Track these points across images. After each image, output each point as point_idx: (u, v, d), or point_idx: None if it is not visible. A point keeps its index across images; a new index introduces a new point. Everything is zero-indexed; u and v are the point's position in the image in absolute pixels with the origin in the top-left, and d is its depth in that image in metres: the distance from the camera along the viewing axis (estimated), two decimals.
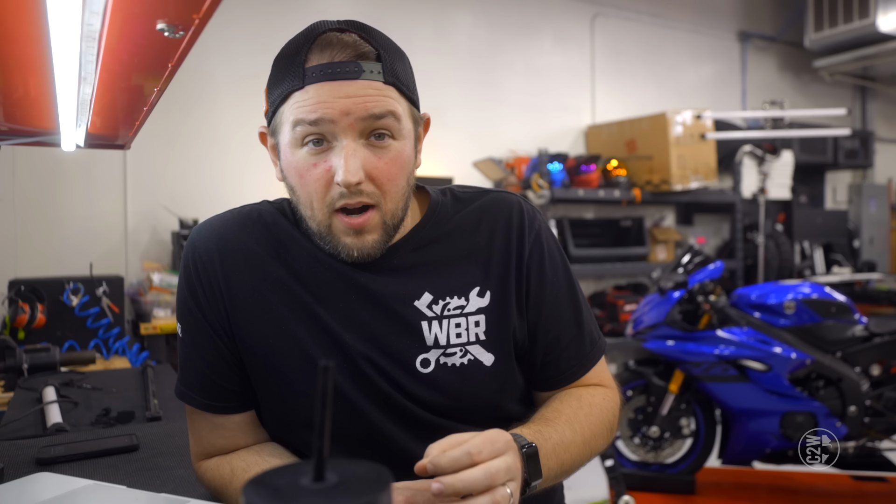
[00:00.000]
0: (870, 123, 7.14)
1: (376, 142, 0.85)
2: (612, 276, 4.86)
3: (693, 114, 4.54)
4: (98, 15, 0.64)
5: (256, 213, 0.96)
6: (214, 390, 0.93)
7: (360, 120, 0.83)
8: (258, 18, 3.77)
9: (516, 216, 0.97)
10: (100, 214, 3.48)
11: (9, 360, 1.82)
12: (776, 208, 5.63)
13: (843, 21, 5.56)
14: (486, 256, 0.94)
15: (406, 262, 0.93)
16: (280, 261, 0.93)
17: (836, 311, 2.84)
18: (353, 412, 0.90)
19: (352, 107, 0.83)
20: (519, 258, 0.95)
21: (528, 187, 4.13)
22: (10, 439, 1.28)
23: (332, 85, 0.83)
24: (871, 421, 2.79)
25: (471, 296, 0.93)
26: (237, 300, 0.92)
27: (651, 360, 3.06)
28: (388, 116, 0.85)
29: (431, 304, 0.91)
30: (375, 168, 0.85)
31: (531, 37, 4.91)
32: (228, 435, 0.95)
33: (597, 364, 1.00)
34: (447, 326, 0.91)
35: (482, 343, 0.92)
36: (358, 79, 0.84)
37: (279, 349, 0.91)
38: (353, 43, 0.85)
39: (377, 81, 0.85)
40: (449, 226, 0.96)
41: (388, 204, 0.87)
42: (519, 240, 0.96)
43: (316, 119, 0.83)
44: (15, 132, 1.25)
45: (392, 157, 0.86)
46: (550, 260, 0.98)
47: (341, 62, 0.84)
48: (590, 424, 0.93)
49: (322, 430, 0.45)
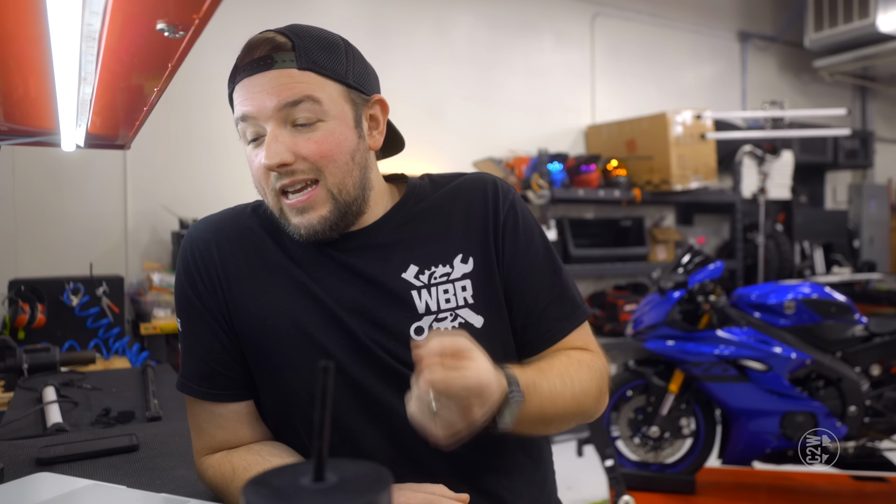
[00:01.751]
0: (870, 123, 7.14)
1: (301, 126, 0.89)
2: (612, 276, 4.85)
3: (693, 114, 4.54)
4: (98, 15, 0.64)
5: (250, 209, 1.02)
6: (214, 378, 0.95)
7: (276, 110, 0.88)
8: (258, 18, 3.77)
9: (490, 189, 1.02)
10: (100, 214, 3.48)
11: (9, 360, 1.82)
12: (776, 208, 5.63)
13: (843, 21, 5.56)
14: (465, 227, 0.99)
15: (389, 239, 0.97)
16: (277, 245, 0.97)
17: (836, 311, 2.84)
18: (353, 385, 0.92)
19: (265, 98, 0.88)
20: (495, 225, 0.99)
21: (528, 187, 4.13)
22: (10, 439, 1.28)
23: (251, 80, 0.89)
24: (871, 421, 2.78)
25: (455, 263, 0.97)
26: (234, 284, 0.95)
27: (651, 360, 3.06)
28: (304, 101, 0.88)
29: (418, 275, 0.95)
30: (305, 148, 0.89)
31: (531, 37, 4.91)
32: (228, 426, 0.96)
33: (581, 328, 1.02)
34: (436, 293, 0.95)
35: (471, 306, 0.95)
36: (270, 69, 0.88)
37: (276, 328, 0.93)
38: (270, 38, 0.90)
39: (291, 69, 0.88)
40: (428, 203, 1.01)
41: (331, 178, 0.90)
42: (494, 208, 1.00)
43: (243, 114, 0.90)
44: (15, 132, 1.25)
45: (321, 137, 0.89)
46: (525, 227, 1.01)
47: (257, 58, 0.89)
48: (580, 380, 0.94)
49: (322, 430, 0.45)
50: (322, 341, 0.92)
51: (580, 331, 1.02)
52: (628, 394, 3.07)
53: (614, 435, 3.10)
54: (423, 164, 4.23)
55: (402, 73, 4.30)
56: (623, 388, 3.07)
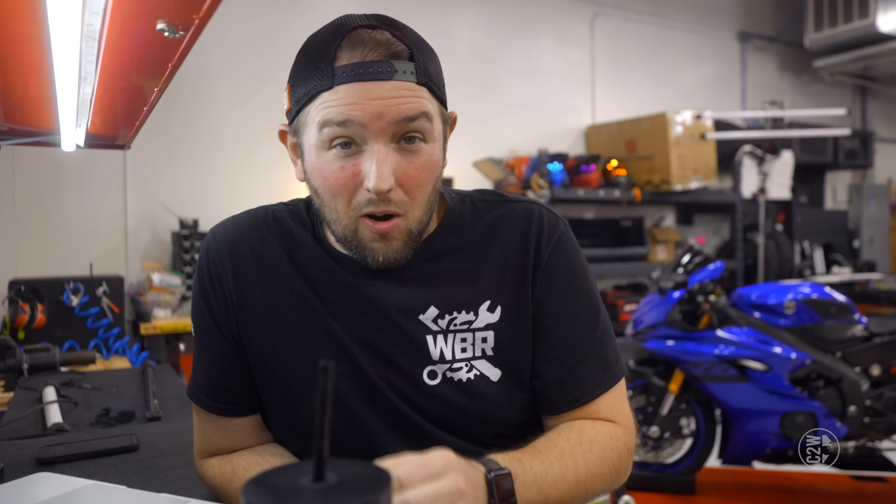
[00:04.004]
0: (870, 123, 7.14)
1: (407, 145, 0.82)
2: (612, 276, 4.85)
3: (693, 114, 4.54)
4: (98, 15, 0.64)
5: (271, 216, 0.95)
6: (221, 393, 0.93)
7: (392, 123, 0.80)
8: (258, 18, 3.77)
9: (535, 225, 0.92)
10: (100, 214, 3.48)
11: (9, 360, 1.82)
12: (776, 208, 5.63)
13: (843, 21, 5.56)
14: (500, 269, 0.90)
15: (415, 274, 0.89)
16: (292, 264, 0.91)
17: (836, 311, 2.84)
18: (357, 423, 0.88)
19: (384, 109, 0.79)
20: (535, 266, 0.90)
21: (528, 187, 4.13)
22: (10, 439, 1.28)
23: (364, 86, 0.79)
24: (871, 421, 2.78)
25: (480, 310, 0.89)
26: (247, 304, 0.91)
27: (651, 360, 3.06)
28: (420, 118, 0.81)
29: (437, 319, 0.88)
30: (406, 174, 0.82)
31: (531, 37, 4.91)
32: (232, 436, 0.95)
33: (610, 393, 0.91)
34: (452, 341, 0.88)
35: (489, 358, 0.88)
36: (391, 79, 0.80)
37: (285, 355, 0.90)
38: (386, 41, 0.81)
39: (410, 82, 0.81)
40: (464, 237, 0.92)
41: (415, 212, 0.84)
42: (536, 248, 0.91)
43: (346, 120, 0.79)
44: (15, 132, 1.25)
45: (423, 162, 0.83)
46: (568, 270, 0.92)
47: (373, 62, 0.79)
48: (587, 462, 0.84)
49: (322, 430, 0.45)
50: None
51: (611, 395, 0.91)
52: (628, 394, 3.07)
53: None
54: None
55: None
56: None
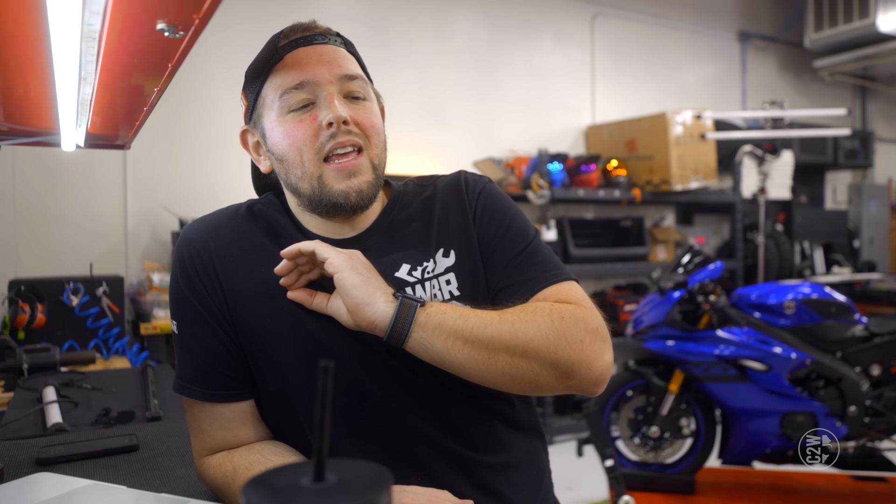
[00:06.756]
0: (870, 123, 7.14)
1: (352, 100, 0.95)
2: (612, 276, 4.85)
3: (693, 114, 4.54)
4: (98, 15, 0.64)
5: (244, 209, 1.02)
6: (215, 378, 0.95)
7: (338, 78, 0.94)
8: (258, 18, 3.77)
9: (463, 183, 1.05)
10: (100, 214, 3.48)
11: (9, 360, 1.82)
12: (776, 208, 5.63)
13: (843, 21, 5.56)
14: (445, 223, 1.02)
15: (381, 245, 0.99)
16: (273, 245, 0.97)
17: (836, 311, 2.84)
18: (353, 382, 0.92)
19: (329, 65, 0.94)
20: (472, 213, 1.02)
21: (528, 187, 4.12)
22: (10, 439, 1.28)
23: (308, 49, 0.94)
24: (871, 421, 2.78)
25: (437, 258, 0.99)
26: (234, 285, 0.95)
27: (651, 360, 3.06)
28: (359, 79, 0.96)
29: (411, 271, 0.97)
30: (358, 115, 0.94)
31: (531, 37, 4.91)
32: (229, 426, 0.96)
33: (562, 286, 0.96)
34: (428, 288, 0.96)
35: (457, 298, 0.97)
36: (327, 43, 0.95)
37: (277, 327, 0.93)
38: (313, 23, 0.98)
39: (343, 49, 0.97)
40: (412, 209, 1.03)
41: (373, 148, 0.96)
42: (468, 198, 1.03)
43: (301, 82, 0.92)
44: (15, 132, 1.25)
45: (370, 108, 0.97)
46: (498, 207, 1.03)
47: (312, 35, 0.95)
48: (527, 320, 0.88)
49: (322, 430, 0.45)
50: (321, 338, 0.93)
51: (560, 286, 0.96)
52: (628, 394, 3.07)
53: (614, 435, 3.10)
54: (423, 163, 4.23)
55: (402, 74, 4.30)
56: (623, 388, 3.07)
